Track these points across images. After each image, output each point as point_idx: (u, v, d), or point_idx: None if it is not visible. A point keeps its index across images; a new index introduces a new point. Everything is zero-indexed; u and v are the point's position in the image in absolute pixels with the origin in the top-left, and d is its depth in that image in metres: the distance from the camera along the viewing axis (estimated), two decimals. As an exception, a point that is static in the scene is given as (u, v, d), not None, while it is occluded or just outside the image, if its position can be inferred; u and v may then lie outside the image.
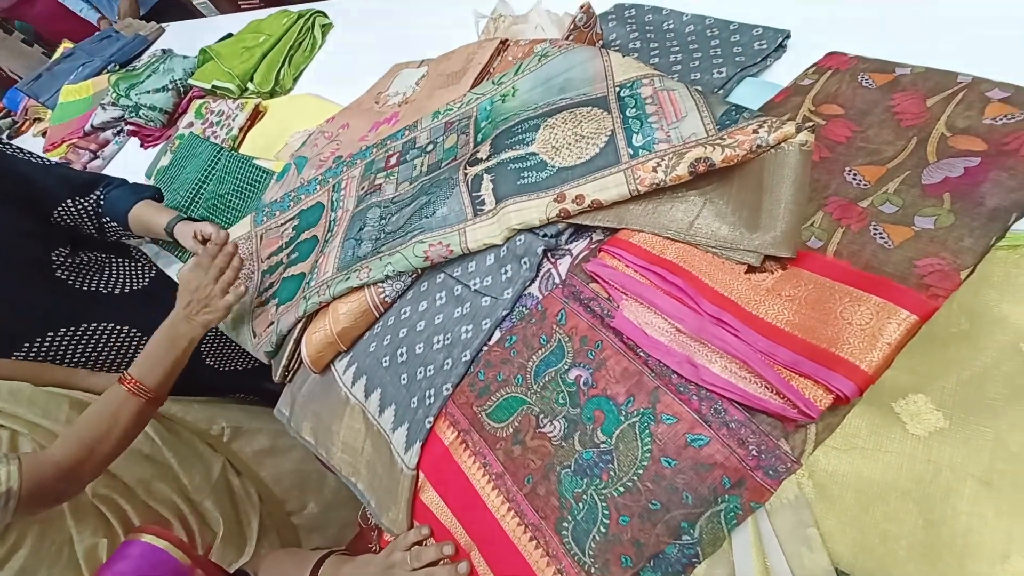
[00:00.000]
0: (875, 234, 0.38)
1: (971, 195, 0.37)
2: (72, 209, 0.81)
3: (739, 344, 0.36)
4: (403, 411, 0.51)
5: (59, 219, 0.81)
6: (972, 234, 0.36)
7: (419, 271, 0.59)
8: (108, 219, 0.84)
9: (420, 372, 0.52)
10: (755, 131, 0.43)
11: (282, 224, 0.77)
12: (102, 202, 0.84)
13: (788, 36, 0.58)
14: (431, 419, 0.48)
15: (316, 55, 1.23)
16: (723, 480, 0.34)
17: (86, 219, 0.83)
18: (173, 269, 0.95)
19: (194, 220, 0.86)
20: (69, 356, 0.77)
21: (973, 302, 0.38)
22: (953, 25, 0.52)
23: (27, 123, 1.93)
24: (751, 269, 0.40)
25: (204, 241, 0.80)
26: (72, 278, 0.80)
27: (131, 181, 0.92)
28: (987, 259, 0.39)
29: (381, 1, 1.28)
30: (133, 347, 0.82)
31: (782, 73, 0.57)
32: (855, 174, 0.43)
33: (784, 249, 0.39)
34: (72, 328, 0.77)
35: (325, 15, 1.28)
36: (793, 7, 0.62)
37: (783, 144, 0.42)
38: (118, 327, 0.81)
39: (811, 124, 0.40)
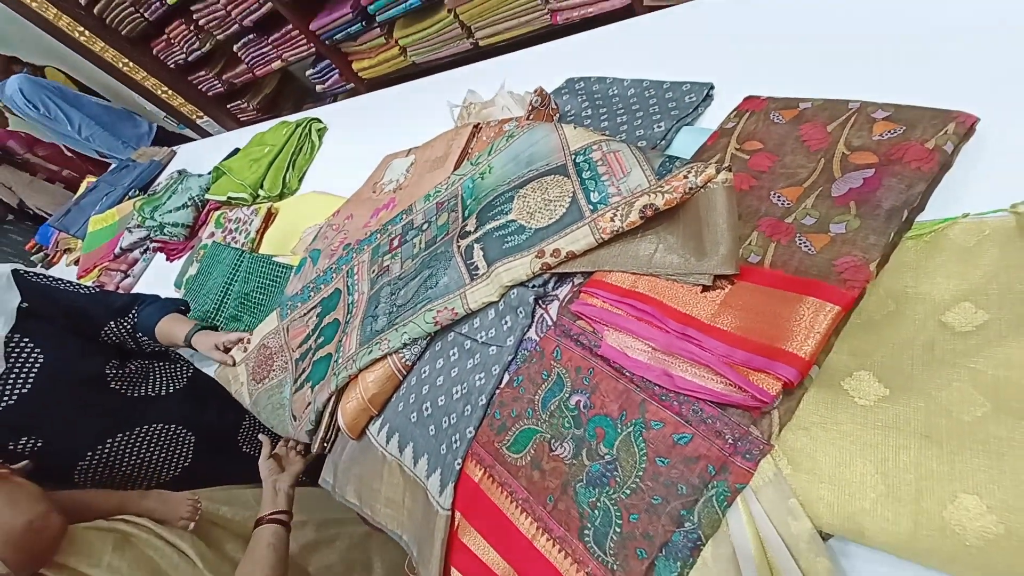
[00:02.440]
0: (800, 244, 0.46)
1: (870, 200, 0.45)
2: (115, 329, 0.92)
3: (702, 352, 0.43)
4: (435, 459, 0.58)
5: (105, 338, 0.91)
6: (875, 232, 0.43)
7: (431, 334, 0.67)
8: (141, 335, 0.94)
9: (445, 421, 0.58)
10: (685, 176, 0.52)
11: (305, 314, 0.86)
12: (136, 320, 0.94)
13: (712, 87, 0.69)
14: (459, 461, 0.54)
15: (316, 156, 1.38)
16: (708, 468, 0.40)
17: (126, 336, 0.93)
18: (206, 366, 1.03)
19: (212, 329, 0.97)
20: (126, 459, 0.84)
21: (896, 286, 0.45)
22: (841, 60, 0.62)
23: (58, 254, 2.11)
24: (706, 288, 0.48)
25: (227, 350, 0.90)
26: (124, 387, 0.88)
27: (162, 296, 1.03)
28: (901, 249, 0.46)
29: (368, 101, 1.45)
30: (181, 443, 0.90)
31: (712, 118, 0.67)
32: (779, 196, 0.51)
33: (728, 267, 0.47)
34: (127, 433, 0.85)
35: (319, 120, 1.44)
36: (714, 63, 0.73)
37: (710, 184, 0.50)
38: (166, 426, 0.89)
39: (727, 165, 0.49)
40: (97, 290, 0.94)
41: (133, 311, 0.95)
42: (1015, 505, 0.34)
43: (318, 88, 2.43)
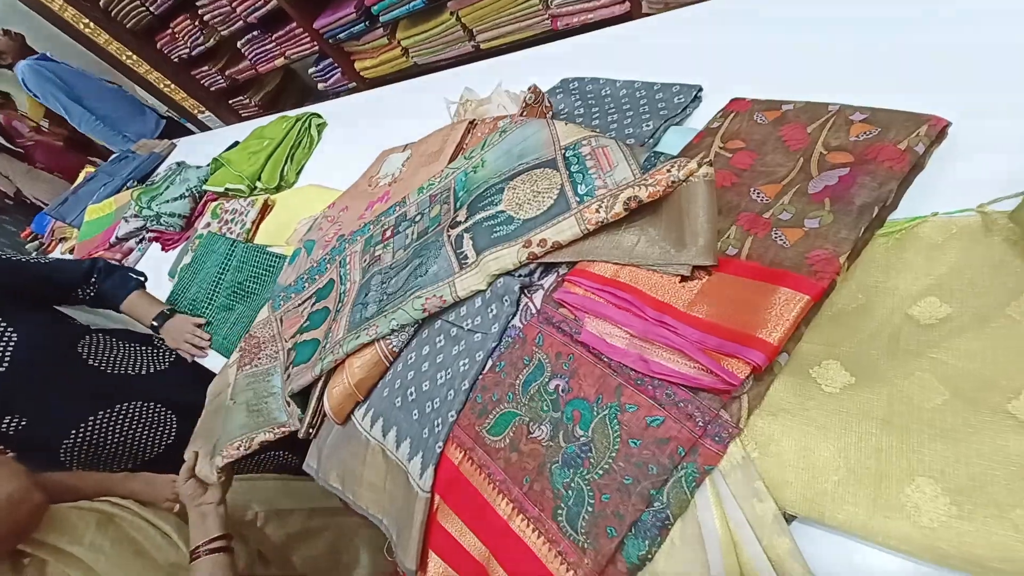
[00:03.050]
0: (776, 237, 0.48)
1: (844, 197, 0.47)
2: (80, 296, 0.94)
3: (677, 338, 0.44)
4: (417, 442, 0.59)
5: (75, 302, 0.93)
6: (847, 227, 0.45)
7: (419, 321, 0.68)
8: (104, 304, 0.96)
9: (428, 406, 0.59)
10: (668, 170, 0.53)
11: (300, 304, 0.87)
12: (92, 293, 0.96)
13: (701, 89, 0.71)
14: (441, 444, 0.55)
15: (314, 151, 1.39)
16: (678, 450, 0.41)
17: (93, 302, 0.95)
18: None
19: (184, 314, 1.00)
20: (110, 437, 0.85)
21: (867, 280, 0.46)
22: (824, 65, 0.64)
23: (53, 243, 2.11)
24: (684, 278, 0.49)
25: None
26: (103, 364, 0.89)
27: (117, 266, 1.05)
28: (872, 245, 0.48)
29: (367, 97, 1.47)
30: (163, 421, 0.90)
31: (700, 119, 0.69)
32: (759, 192, 0.53)
33: (705, 259, 0.48)
34: (108, 410, 0.85)
35: (319, 115, 1.45)
36: (703, 66, 0.75)
37: (691, 178, 0.52)
38: (147, 404, 0.90)
39: (708, 159, 0.51)
40: (56, 260, 0.97)
41: (94, 277, 0.97)
42: (967, 488, 0.35)
43: (320, 86, 2.45)
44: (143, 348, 0.97)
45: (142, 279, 1.06)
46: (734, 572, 0.38)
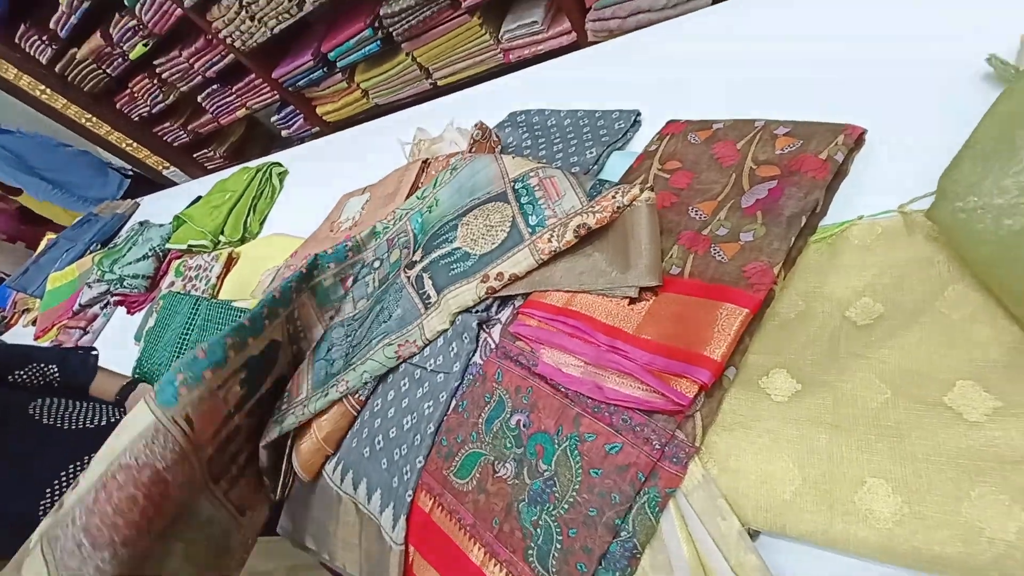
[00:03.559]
0: (715, 253, 0.49)
1: (774, 209, 0.49)
2: (25, 375, 0.92)
3: (627, 363, 0.45)
4: (387, 493, 0.57)
5: (18, 380, 0.91)
6: (778, 238, 0.46)
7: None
8: (66, 390, 0.96)
9: (396, 453, 0.58)
10: (613, 197, 0.55)
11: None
12: (61, 379, 0.95)
13: (639, 114, 0.73)
14: (411, 492, 0.54)
15: (277, 200, 1.39)
16: (638, 475, 0.41)
17: (41, 382, 0.93)
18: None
19: (146, 382, 1.00)
20: None
21: (805, 287, 0.48)
22: (751, 83, 0.67)
23: (16, 316, 2.05)
24: (632, 301, 0.50)
25: None
26: (59, 421, 0.87)
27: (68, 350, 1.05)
28: (807, 252, 0.49)
29: (326, 142, 1.48)
30: None
31: (640, 143, 0.71)
32: (696, 210, 0.54)
33: (651, 279, 0.49)
34: (78, 463, 0.83)
35: (279, 164, 1.46)
36: (640, 92, 0.78)
37: (635, 202, 0.54)
38: None
39: (650, 185, 0.52)
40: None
41: (50, 367, 0.96)
42: (915, 484, 0.36)
43: (284, 133, 2.47)
44: (99, 404, 0.95)
45: (93, 352, 1.05)
46: (704, 595, 0.38)
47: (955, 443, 0.36)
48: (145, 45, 2.14)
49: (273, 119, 2.45)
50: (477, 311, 0.61)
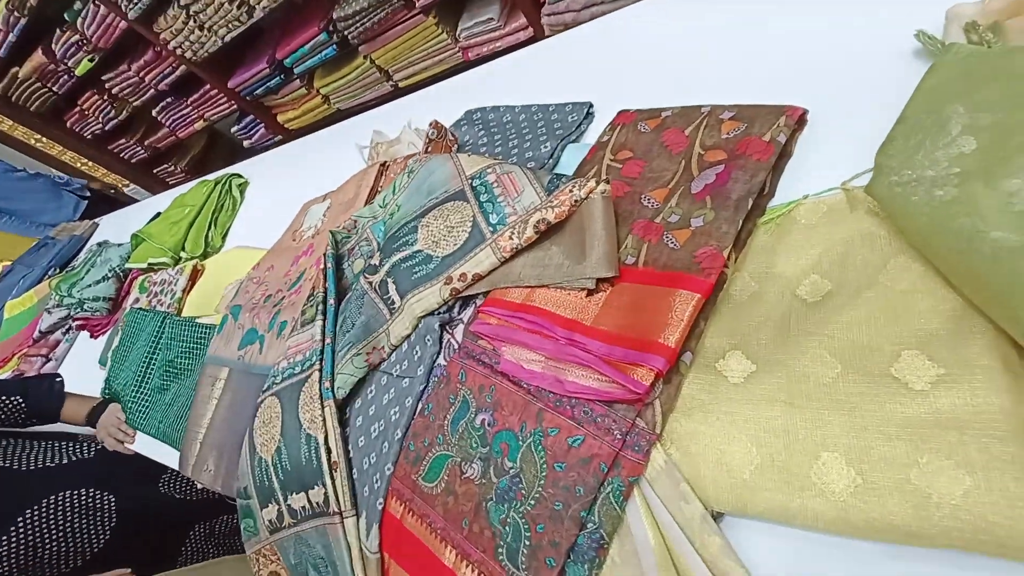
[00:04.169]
0: (667, 241, 0.49)
1: (722, 193, 0.49)
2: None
3: (585, 354, 0.45)
4: (360, 502, 0.56)
5: None
6: (727, 222, 0.47)
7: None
8: (35, 421, 0.93)
9: (366, 462, 0.58)
10: (571, 191, 0.55)
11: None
12: (26, 409, 0.93)
13: (591, 106, 0.73)
14: (381, 500, 0.53)
15: (239, 212, 1.36)
16: (601, 466, 0.41)
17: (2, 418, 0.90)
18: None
19: (116, 402, 0.98)
20: (46, 535, 0.79)
21: (757, 268, 0.48)
22: (698, 71, 0.68)
23: (-26, 347, 1.96)
24: (589, 293, 0.50)
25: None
26: (16, 463, 0.84)
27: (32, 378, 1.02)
28: (757, 233, 0.50)
29: (286, 151, 1.45)
30: (101, 507, 0.85)
31: (595, 134, 0.71)
32: (649, 198, 0.55)
33: (607, 270, 0.49)
34: (35, 507, 0.80)
35: (239, 175, 1.43)
36: (592, 83, 0.78)
37: (591, 195, 0.54)
38: (76, 492, 0.84)
39: (605, 178, 0.53)
40: None
41: (13, 398, 0.92)
42: (867, 455, 0.36)
43: (245, 144, 2.41)
44: (60, 442, 0.92)
45: (58, 379, 1.02)
46: (671, 579, 0.38)
47: (902, 412, 0.37)
48: (91, 60, 2.06)
49: (233, 130, 2.39)
50: (439, 313, 0.61)
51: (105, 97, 2.28)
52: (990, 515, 0.32)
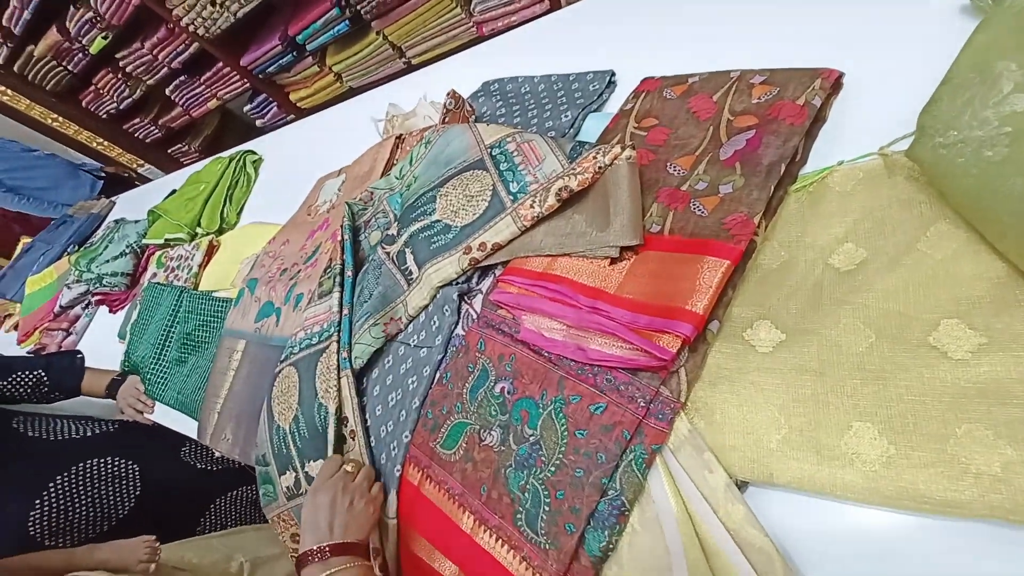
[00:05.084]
0: (695, 208, 0.48)
1: (752, 159, 0.47)
2: (9, 387, 0.91)
3: (609, 322, 0.44)
4: (377, 469, 0.57)
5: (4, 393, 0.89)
6: (758, 188, 0.45)
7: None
8: (58, 395, 0.97)
9: (383, 430, 0.58)
10: (595, 157, 0.54)
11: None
12: (49, 384, 0.96)
13: (613, 74, 0.71)
14: (399, 467, 0.53)
15: (254, 188, 1.36)
16: (623, 433, 0.40)
17: (28, 394, 0.93)
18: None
19: (135, 374, 1.01)
20: (75, 501, 0.81)
21: (787, 237, 0.47)
22: (723, 34, 0.65)
23: (-3, 321, 2.01)
24: (614, 261, 0.49)
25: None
26: (43, 433, 0.86)
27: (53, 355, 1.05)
28: (788, 201, 0.48)
29: (299, 127, 1.44)
30: (125, 474, 0.87)
31: (616, 103, 0.69)
32: (675, 166, 0.53)
33: (632, 238, 0.48)
34: (65, 474, 0.82)
35: (254, 152, 1.42)
36: (614, 53, 0.76)
37: (616, 161, 0.52)
38: (103, 460, 0.87)
39: (631, 144, 0.51)
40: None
41: (36, 372, 0.94)
42: (902, 426, 0.35)
43: (258, 123, 2.40)
44: (81, 420, 0.94)
45: (79, 356, 1.05)
46: (694, 547, 0.37)
47: (940, 382, 0.36)
48: (105, 38, 2.05)
49: (246, 109, 2.38)
50: (457, 283, 0.60)
51: (119, 76, 2.28)
52: (1033, 486, 0.31)
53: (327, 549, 0.45)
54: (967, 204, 0.38)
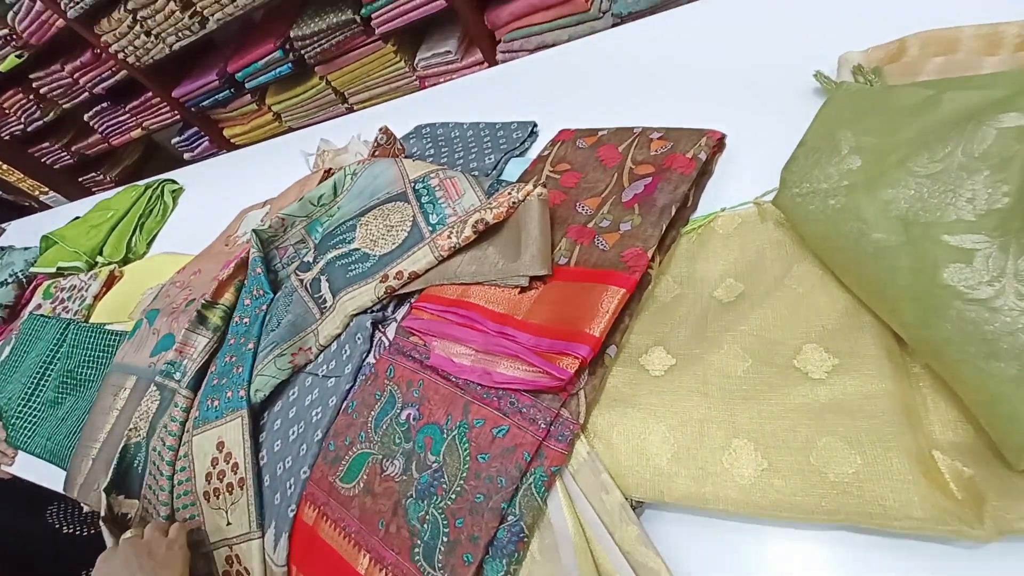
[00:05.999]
0: (598, 243, 0.51)
1: (648, 201, 0.52)
2: None
3: (514, 346, 0.45)
4: (270, 512, 0.52)
5: None
6: (652, 225, 0.50)
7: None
8: None
9: (280, 467, 0.54)
10: (510, 193, 0.57)
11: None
12: None
13: (535, 125, 0.77)
14: (294, 507, 0.49)
15: (169, 218, 1.28)
16: (524, 455, 0.40)
17: None
18: None
19: None
20: None
21: (679, 272, 0.51)
22: (631, 96, 0.73)
23: None
24: (523, 290, 0.51)
25: None
26: None
27: None
28: (680, 242, 0.53)
29: (227, 159, 1.41)
30: None
31: (538, 150, 0.74)
32: (583, 206, 0.57)
33: (539, 268, 0.50)
34: None
35: (174, 181, 1.36)
36: (537, 108, 0.82)
37: (529, 197, 0.56)
38: None
39: (543, 182, 0.54)
40: None
41: None
42: (772, 441, 0.38)
43: (186, 156, 2.31)
44: None
45: None
46: (590, 572, 0.37)
47: (803, 399, 0.39)
48: (18, 56, 1.93)
49: (174, 141, 2.29)
50: (372, 311, 0.59)
51: (31, 96, 2.14)
52: (878, 490, 0.34)
53: None
54: (818, 244, 0.44)
